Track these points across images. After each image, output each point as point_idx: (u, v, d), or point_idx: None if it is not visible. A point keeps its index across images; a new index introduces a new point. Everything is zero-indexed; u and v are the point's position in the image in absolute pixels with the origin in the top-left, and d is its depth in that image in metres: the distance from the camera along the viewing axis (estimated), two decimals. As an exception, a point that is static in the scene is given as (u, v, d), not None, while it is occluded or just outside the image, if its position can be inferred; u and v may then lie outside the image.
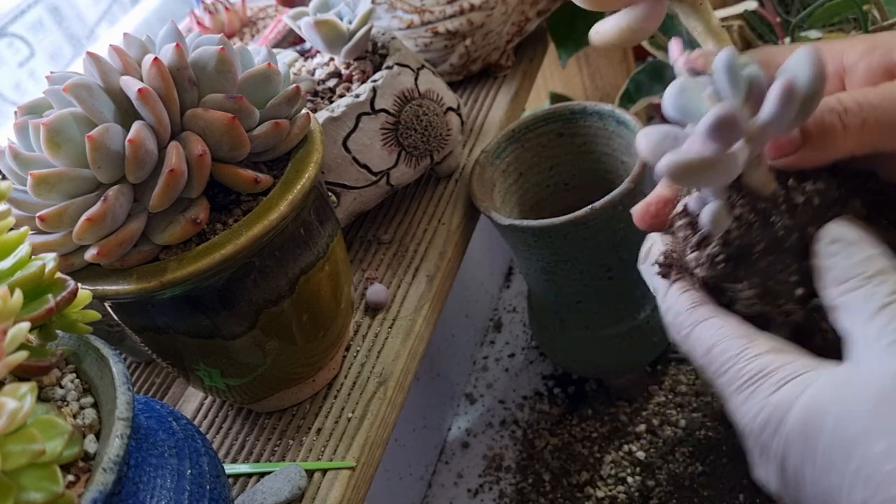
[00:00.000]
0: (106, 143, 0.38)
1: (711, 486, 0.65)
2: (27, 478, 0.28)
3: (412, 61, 0.60)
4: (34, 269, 0.33)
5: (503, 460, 0.75)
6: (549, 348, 0.73)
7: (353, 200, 0.59)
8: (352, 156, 0.57)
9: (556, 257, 0.61)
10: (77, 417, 0.33)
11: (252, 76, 0.43)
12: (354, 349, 0.54)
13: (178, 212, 0.41)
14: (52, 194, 0.39)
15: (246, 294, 0.43)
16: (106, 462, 0.30)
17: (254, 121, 0.43)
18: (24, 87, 0.79)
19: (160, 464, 0.35)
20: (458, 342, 0.84)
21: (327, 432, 0.49)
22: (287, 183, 0.43)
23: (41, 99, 0.42)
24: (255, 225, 0.41)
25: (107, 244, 0.39)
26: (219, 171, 0.42)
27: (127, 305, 0.44)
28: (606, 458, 0.71)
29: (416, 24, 0.70)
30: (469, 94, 0.75)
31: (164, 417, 0.38)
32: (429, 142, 0.60)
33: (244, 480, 0.48)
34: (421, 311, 0.55)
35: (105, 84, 0.40)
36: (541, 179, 0.69)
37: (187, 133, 0.41)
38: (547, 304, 0.67)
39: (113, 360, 0.34)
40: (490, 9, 0.69)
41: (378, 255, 0.61)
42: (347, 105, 0.56)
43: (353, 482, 0.47)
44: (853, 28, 0.65)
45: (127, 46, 0.42)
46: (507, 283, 0.96)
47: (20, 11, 0.78)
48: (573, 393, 0.78)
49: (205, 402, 0.56)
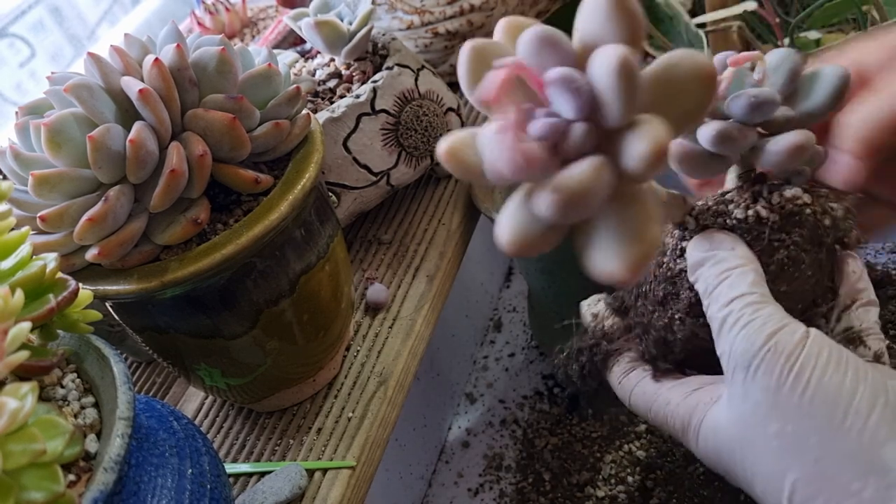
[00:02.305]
0: (107, 143, 0.38)
1: (711, 486, 0.65)
2: (28, 477, 0.28)
3: (412, 62, 0.60)
4: (35, 269, 0.33)
5: (503, 460, 0.76)
6: (549, 348, 0.73)
7: (353, 201, 0.59)
8: (352, 156, 0.57)
9: (556, 257, 0.61)
10: (78, 417, 0.33)
11: (253, 77, 0.43)
12: (355, 349, 0.54)
13: (179, 212, 0.41)
14: (53, 194, 0.39)
15: (246, 294, 0.43)
16: (107, 462, 0.30)
17: (254, 121, 0.43)
18: (25, 87, 0.79)
19: (161, 463, 0.35)
20: (458, 342, 0.84)
21: (327, 432, 0.49)
22: (287, 183, 0.43)
23: (42, 99, 0.42)
24: (255, 225, 0.41)
25: (108, 244, 0.39)
26: (219, 172, 0.42)
27: (128, 305, 0.44)
28: (607, 458, 0.71)
29: (416, 24, 0.70)
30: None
31: (164, 417, 0.39)
32: (429, 142, 0.60)
33: (245, 480, 0.49)
34: (421, 311, 0.55)
35: (106, 84, 0.40)
36: (541, 179, 0.69)
37: (188, 133, 0.41)
38: (547, 304, 0.67)
39: (114, 359, 0.34)
40: (490, 9, 0.69)
41: (378, 255, 0.61)
42: (348, 105, 0.56)
43: (354, 482, 0.47)
44: (852, 28, 0.65)
45: (128, 47, 0.42)
46: (507, 283, 0.96)
47: (21, 12, 0.79)
48: (573, 392, 0.78)
49: (205, 401, 0.56)
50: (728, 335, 0.32)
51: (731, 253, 0.34)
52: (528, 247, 0.29)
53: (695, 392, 0.35)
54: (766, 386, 0.30)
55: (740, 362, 0.31)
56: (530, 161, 0.26)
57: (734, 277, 0.33)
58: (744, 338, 0.31)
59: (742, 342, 0.31)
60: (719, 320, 0.33)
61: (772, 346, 0.30)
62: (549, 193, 0.26)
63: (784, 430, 0.29)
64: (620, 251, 0.27)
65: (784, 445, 0.29)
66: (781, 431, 0.29)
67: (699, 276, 0.35)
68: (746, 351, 0.31)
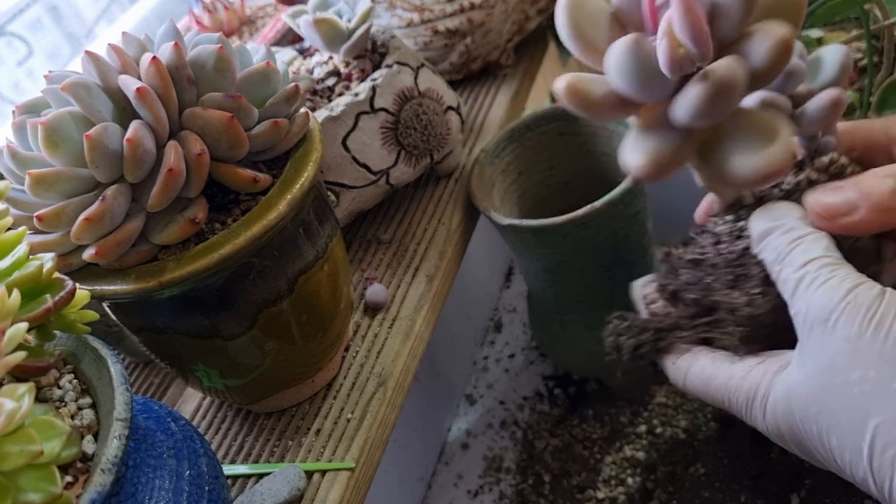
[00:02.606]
0: (104, 142, 0.38)
1: (711, 486, 0.65)
2: (25, 479, 0.28)
3: (412, 60, 0.60)
4: (32, 268, 0.33)
5: (503, 461, 0.75)
6: (549, 348, 0.73)
7: (352, 200, 0.59)
8: (351, 155, 0.57)
9: (556, 257, 0.61)
10: (75, 418, 0.33)
11: (251, 75, 0.43)
12: (354, 349, 0.54)
13: (177, 211, 0.41)
14: (50, 194, 0.39)
15: (245, 294, 0.43)
16: (104, 463, 0.30)
17: (252, 120, 0.43)
18: (23, 86, 0.79)
19: (158, 465, 0.35)
20: (458, 342, 0.84)
21: (326, 433, 0.49)
22: (286, 182, 0.43)
23: (39, 98, 0.42)
24: (253, 224, 0.40)
25: (105, 244, 0.39)
26: (217, 171, 0.42)
27: (125, 305, 0.44)
28: (607, 459, 0.71)
29: (415, 22, 0.70)
30: (469, 92, 0.74)
31: (162, 418, 0.38)
32: (428, 141, 0.60)
33: (243, 481, 0.48)
34: (421, 312, 0.55)
35: (103, 83, 0.40)
36: (541, 179, 0.69)
37: (186, 132, 0.41)
38: (547, 304, 0.67)
39: (111, 360, 0.34)
40: (490, 7, 0.69)
41: (378, 255, 0.61)
42: (347, 104, 0.56)
43: (353, 483, 0.46)
44: (854, 27, 0.64)
45: (125, 45, 0.42)
46: (507, 283, 0.96)
47: (18, 10, 0.78)
48: (574, 393, 0.78)
49: (203, 402, 0.56)
50: (805, 293, 0.32)
51: (799, 221, 0.35)
52: (663, 165, 0.31)
53: (759, 364, 0.35)
54: (847, 336, 0.31)
55: (819, 316, 0.32)
56: (684, 60, 0.28)
57: (807, 243, 0.34)
58: (823, 293, 0.32)
59: (821, 297, 0.32)
60: (794, 281, 0.33)
61: (851, 298, 0.31)
62: (699, 84, 0.28)
63: (866, 375, 0.30)
64: (759, 149, 0.30)
65: (865, 391, 0.30)
66: (863, 378, 0.30)
67: (766, 246, 0.35)
68: (825, 305, 0.31)
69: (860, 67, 0.63)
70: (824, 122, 0.37)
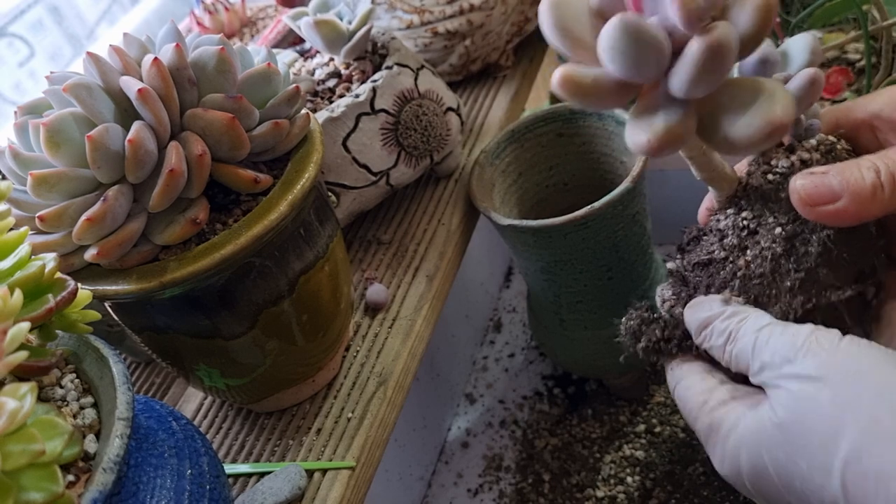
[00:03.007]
0: (106, 143, 0.38)
1: (710, 485, 0.65)
2: (27, 478, 0.28)
3: (412, 61, 0.60)
4: (34, 269, 0.33)
5: (503, 460, 0.75)
6: (548, 348, 0.73)
7: (352, 200, 0.59)
8: (351, 156, 0.57)
9: (555, 257, 0.61)
10: (77, 417, 0.33)
11: (252, 76, 0.43)
12: (354, 349, 0.54)
13: (178, 212, 0.41)
14: (52, 194, 0.39)
15: (245, 294, 0.43)
16: (106, 462, 0.30)
17: (253, 121, 0.43)
18: (24, 87, 0.79)
19: (160, 464, 0.35)
20: (458, 342, 0.84)
21: (327, 432, 0.49)
22: (287, 183, 0.43)
23: (41, 99, 0.42)
24: (254, 225, 0.41)
25: (106, 244, 0.39)
26: (218, 171, 0.42)
27: (127, 305, 0.44)
28: (606, 459, 0.71)
29: (415, 24, 0.70)
30: (469, 94, 0.74)
31: (163, 417, 0.38)
32: (428, 142, 0.60)
33: (244, 480, 0.49)
34: (421, 311, 0.55)
35: (105, 84, 0.40)
36: (540, 179, 0.69)
37: (187, 133, 0.41)
38: (547, 304, 0.67)
39: (113, 360, 0.34)
40: (490, 9, 0.69)
41: (378, 256, 0.61)
42: (347, 105, 0.56)
43: (353, 482, 0.47)
44: (853, 28, 0.65)
45: (127, 46, 0.42)
46: (507, 283, 0.96)
47: (20, 11, 0.79)
48: (573, 393, 0.78)
49: (205, 402, 0.56)
50: (766, 346, 0.33)
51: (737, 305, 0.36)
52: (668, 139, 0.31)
53: (733, 400, 0.35)
54: (817, 363, 0.31)
55: (786, 357, 0.32)
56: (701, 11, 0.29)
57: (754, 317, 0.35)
58: (786, 339, 0.32)
59: (784, 343, 0.32)
60: (752, 343, 0.34)
61: (813, 339, 0.32)
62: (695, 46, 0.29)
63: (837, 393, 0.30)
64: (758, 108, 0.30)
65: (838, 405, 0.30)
66: (835, 397, 0.30)
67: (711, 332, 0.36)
68: (791, 346, 0.32)
69: (859, 69, 0.63)
70: (806, 101, 0.37)
